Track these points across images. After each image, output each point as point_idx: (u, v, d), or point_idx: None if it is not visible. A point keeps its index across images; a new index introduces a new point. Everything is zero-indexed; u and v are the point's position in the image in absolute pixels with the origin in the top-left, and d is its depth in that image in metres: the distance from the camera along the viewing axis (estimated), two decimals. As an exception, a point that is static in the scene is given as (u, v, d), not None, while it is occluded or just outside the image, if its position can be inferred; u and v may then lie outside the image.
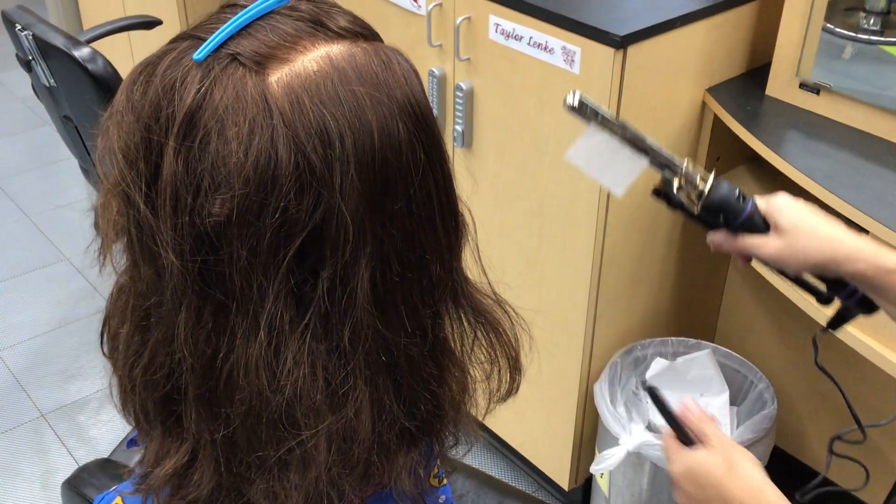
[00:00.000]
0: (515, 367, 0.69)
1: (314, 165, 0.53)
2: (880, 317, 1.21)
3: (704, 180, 0.88)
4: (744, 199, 0.87)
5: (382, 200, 0.56)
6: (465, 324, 0.66)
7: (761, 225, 0.87)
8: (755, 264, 1.00)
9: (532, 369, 1.79)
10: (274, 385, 0.55)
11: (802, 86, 1.51)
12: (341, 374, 0.57)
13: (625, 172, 0.89)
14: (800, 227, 0.85)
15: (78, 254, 2.77)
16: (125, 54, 3.07)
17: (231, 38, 0.55)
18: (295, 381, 0.55)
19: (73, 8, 3.45)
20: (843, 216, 1.28)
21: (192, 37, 0.56)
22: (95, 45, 2.08)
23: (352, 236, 0.55)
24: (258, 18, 0.57)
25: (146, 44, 2.86)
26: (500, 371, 0.68)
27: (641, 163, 0.88)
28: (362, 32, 0.59)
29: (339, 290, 0.56)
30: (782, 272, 0.90)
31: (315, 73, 0.55)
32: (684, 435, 0.87)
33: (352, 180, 0.54)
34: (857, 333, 1.35)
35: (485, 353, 0.68)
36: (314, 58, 0.55)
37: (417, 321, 0.61)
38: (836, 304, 0.94)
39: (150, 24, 2.39)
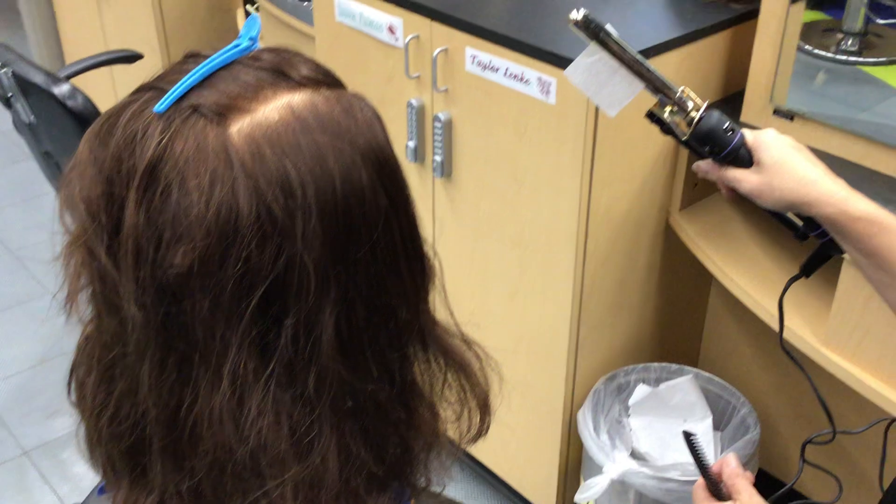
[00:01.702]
0: (485, 408, 0.69)
1: (276, 215, 0.53)
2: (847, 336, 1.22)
3: (697, 109, 0.89)
4: (732, 131, 0.88)
5: (346, 247, 0.56)
6: (434, 366, 0.66)
7: (746, 158, 0.88)
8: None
9: (516, 397, 1.79)
10: (238, 435, 0.55)
11: (776, 112, 1.52)
12: (307, 422, 0.56)
13: (620, 94, 0.90)
14: (779, 165, 0.86)
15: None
16: (107, 89, 3.08)
17: (193, 89, 0.56)
18: (259, 431, 0.55)
19: (54, 43, 3.46)
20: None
21: (153, 88, 0.57)
22: (77, 79, 2.09)
23: (315, 284, 0.55)
24: (220, 69, 0.57)
25: (128, 78, 2.87)
26: (469, 412, 0.68)
27: (637, 86, 0.89)
28: (325, 80, 0.60)
29: (303, 337, 0.56)
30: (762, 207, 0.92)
31: (276, 123, 0.55)
32: (715, 487, 0.87)
33: (314, 229, 0.54)
34: (836, 359, 1.36)
35: (455, 394, 0.68)
36: (276, 107, 0.56)
37: (384, 365, 0.61)
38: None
39: (131, 58, 2.40)
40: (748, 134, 0.89)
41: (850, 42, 1.65)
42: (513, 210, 1.64)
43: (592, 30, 0.87)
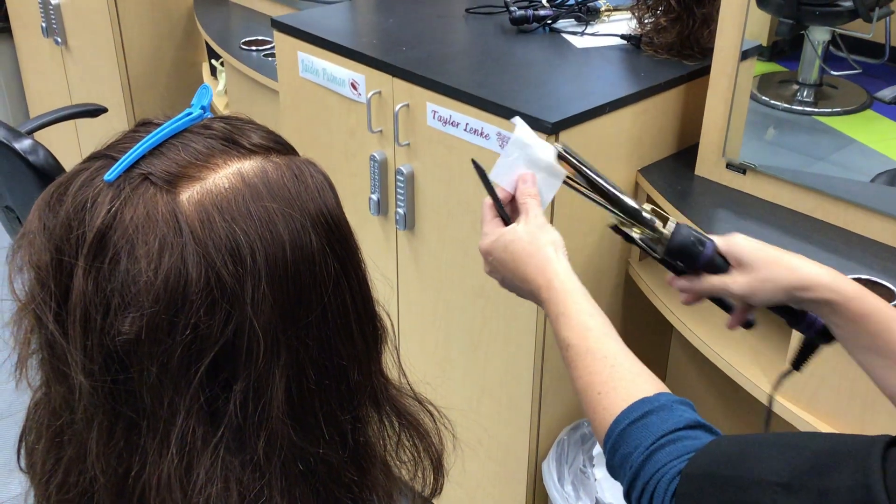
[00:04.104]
0: (439, 468, 0.69)
1: (225, 281, 0.54)
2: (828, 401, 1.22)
3: (663, 224, 0.91)
4: (702, 242, 0.90)
5: (296, 311, 0.57)
6: (388, 427, 0.66)
7: (723, 264, 0.90)
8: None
9: (480, 449, 1.79)
10: (186, 502, 0.54)
11: (729, 166, 1.56)
12: (256, 487, 0.56)
13: (545, 194, 0.96)
14: (764, 259, 0.88)
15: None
16: (72, 142, 3.07)
17: (143, 157, 0.57)
18: (208, 498, 0.54)
19: (19, 96, 3.45)
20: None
21: (104, 156, 0.58)
22: (42, 133, 2.09)
23: (265, 349, 0.55)
24: (171, 137, 0.58)
25: (92, 132, 2.87)
26: (424, 471, 0.69)
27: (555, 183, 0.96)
28: (275, 147, 0.61)
29: (252, 402, 0.56)
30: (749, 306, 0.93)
31: (226, 190, 0.56)
32: (501, 209, 0.93)
33: (264, 294, 0.55)
34: (793, 409, 1.38)
35: (408, 454, 0.68)
36: (226, 175, 0.57)
37: (336, 428, 0.61)
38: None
39: (95, 112, 2.40)
40: (718, 240, 0.91)
41: (805, 93, 1.70)
42: (475, 261, 1.66)
43: (570, 162, 0.93)
